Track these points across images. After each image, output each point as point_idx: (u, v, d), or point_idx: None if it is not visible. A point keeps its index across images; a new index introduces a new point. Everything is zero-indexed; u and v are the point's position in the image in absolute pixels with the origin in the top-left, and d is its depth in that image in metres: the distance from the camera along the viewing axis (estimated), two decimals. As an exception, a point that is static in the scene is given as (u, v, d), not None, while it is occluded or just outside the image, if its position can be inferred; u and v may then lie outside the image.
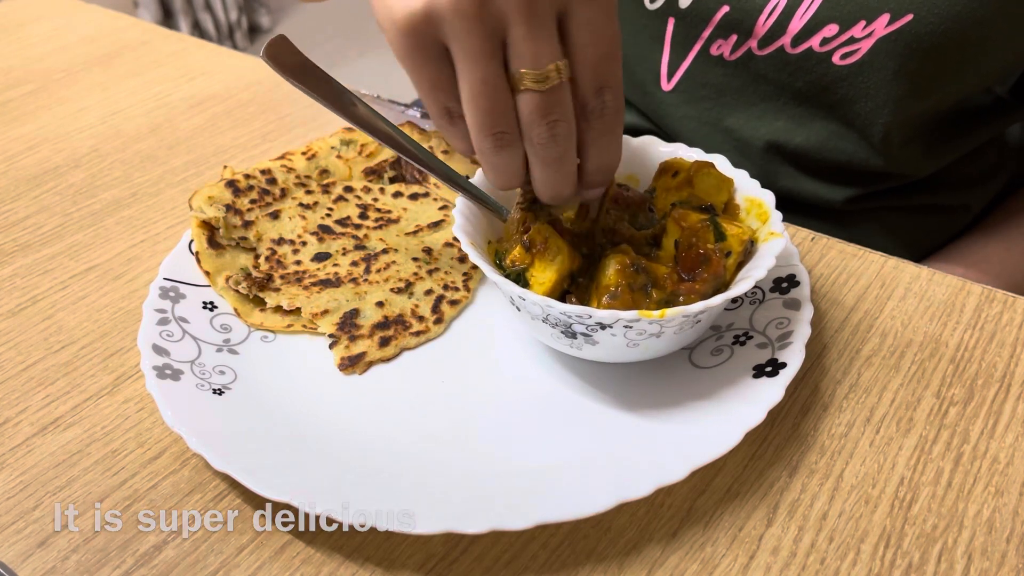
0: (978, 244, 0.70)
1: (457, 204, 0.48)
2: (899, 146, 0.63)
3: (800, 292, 0.49)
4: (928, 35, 0.56)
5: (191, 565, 0.39)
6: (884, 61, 0.58)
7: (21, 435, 0.46)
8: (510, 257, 0.46)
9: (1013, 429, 0.45)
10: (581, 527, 0.41)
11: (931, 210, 0.70)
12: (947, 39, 0.56)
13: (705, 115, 0.68)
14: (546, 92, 0.38)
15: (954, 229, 0.72)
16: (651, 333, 0.42)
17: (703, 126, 0.68)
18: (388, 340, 0.49)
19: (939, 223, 0.71)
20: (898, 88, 0.59)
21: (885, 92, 0.59)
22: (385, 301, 0.51)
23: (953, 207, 0.71)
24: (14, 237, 0.60)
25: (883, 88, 0.59)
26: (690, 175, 0.49)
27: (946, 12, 0.55)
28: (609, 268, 0.44)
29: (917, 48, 0.57)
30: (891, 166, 0.64)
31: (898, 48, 0.57)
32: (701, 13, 0.63)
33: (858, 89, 0.60)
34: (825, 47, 0.60)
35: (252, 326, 0.50)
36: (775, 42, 0.61)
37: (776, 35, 0.61)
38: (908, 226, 0.69)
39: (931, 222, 0.71)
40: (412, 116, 0.71)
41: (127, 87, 0.79)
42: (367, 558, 0.40)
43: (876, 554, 0.39)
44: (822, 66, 0.60)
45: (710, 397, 0.44)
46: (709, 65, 0.65)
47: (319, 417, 0.45)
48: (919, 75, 0.58)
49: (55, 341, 0.51)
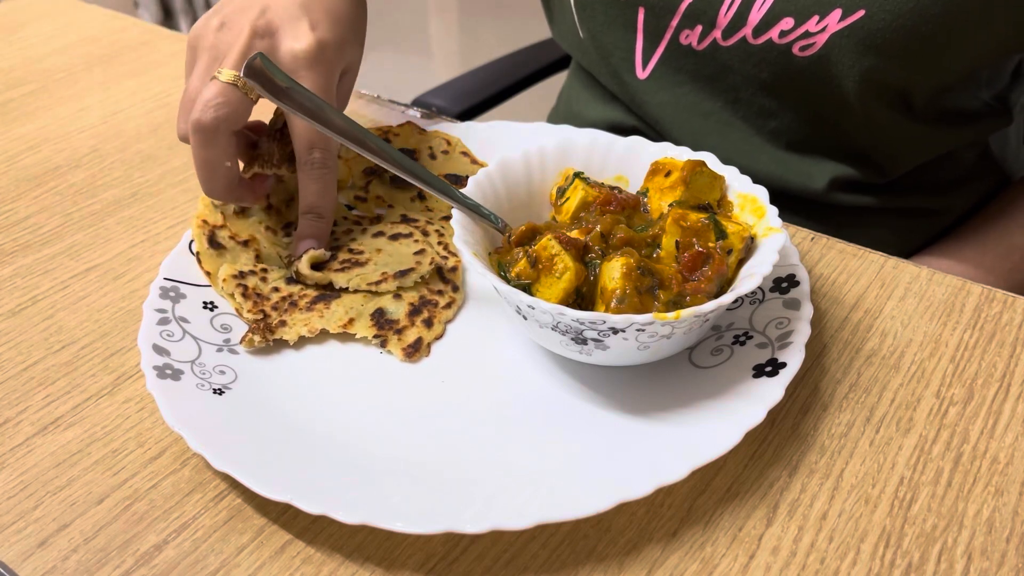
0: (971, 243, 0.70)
1: (454, 215, 0.48)
2: (870, 135, 0.64)
3: (800, 292, 0.49)
4: (880, 31, 0.57)
5: (191, 565, 0.39)
6: (839, 56, 0.59)
7: (21, 435, 0.46)
8: (515, 271, 0.46)
9: (1013, 429, 0.45)
10: (581, 527, 0.41)
11: (913, 213, 0.71)
12: (899, 35, 0.57)
13: (682, 100, 0.69)
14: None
15: (934, 232, 0.73)
16: (663, 335, 0.42)
17: (681, 111, 0.69)
18: (430, 320, 0.50)
19: (921, 226, 0.72)
20: (856, 81, 0.60)
21: (845, 84, 0.60)
22: (400, 294, 0.52)
23: (935, 210, 0.72)
24: (14, 237, 0.60)
25: (843, 80, 0.60)
26: (683, 174, 0.49)
27: (897, 8, 0.56)
28: (615, 272, 0.43)
29: (870, 44, 0.57)
30: (864, 151, 0.65)
31: (851, 43, 0.58)
32: (667, 3, 0.64)
33: (819, 79, 0.61)
34: (784, 39, 0.60)
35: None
36: (737, 33, 0.62)
37: (738, 26, 0.62)
38: (890, 229, 0.70)
39: (914, 225, 0.71)
40: (412, 116, 0.71)
41: (127, 87, 0.79)
42: (367, 558, 0.40)
43: (876, 554, 0.39)
44: (784, 58, 0.61)
45: (710, 397, 0.44)
46: (680, 54, 0.66)
47: (319, 417, 0.45)
48: (875, 70, 0.59)
49: (55, 341, 0.51)
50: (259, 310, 0.50)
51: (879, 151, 0.66)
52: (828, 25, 0.58)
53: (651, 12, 0.66)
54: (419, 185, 0.50)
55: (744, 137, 0.68)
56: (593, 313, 0.41)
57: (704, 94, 0.68)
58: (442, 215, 0.59)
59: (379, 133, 0.65)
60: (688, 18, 0.64)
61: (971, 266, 0.68)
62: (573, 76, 0.83)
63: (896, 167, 0.67)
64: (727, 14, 0.61)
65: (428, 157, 0.63)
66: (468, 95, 1.04)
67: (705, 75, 0.66)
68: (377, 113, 0.73)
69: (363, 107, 0.74)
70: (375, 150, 0.50)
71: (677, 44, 0.66)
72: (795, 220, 0.58)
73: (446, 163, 0.63)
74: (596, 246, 0.46)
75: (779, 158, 0.67)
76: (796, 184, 0.67)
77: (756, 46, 0.62)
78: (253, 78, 0.48)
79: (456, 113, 1.02)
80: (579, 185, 0.50)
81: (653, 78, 0.69)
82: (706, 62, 0.65)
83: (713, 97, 0.67)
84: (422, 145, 0.64)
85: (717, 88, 0.67)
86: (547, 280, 0.44)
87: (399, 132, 0.65)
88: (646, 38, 0.68)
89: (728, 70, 0.65)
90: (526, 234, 0.48)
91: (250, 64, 0.48)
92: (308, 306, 0.51)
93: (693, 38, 0.64)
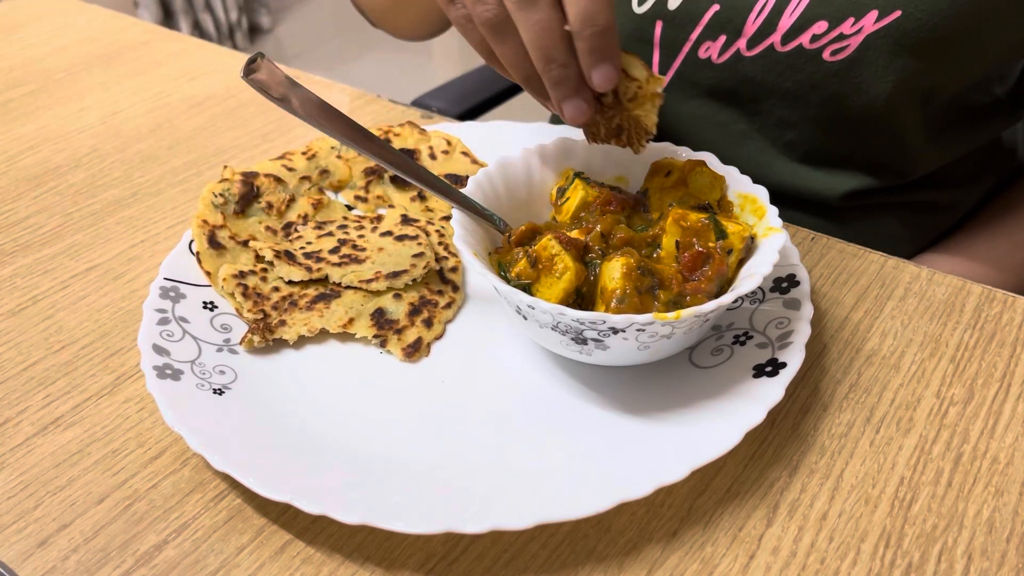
0: (981, 238, 0.70)
1: (454, 215, 0.48)
2: (892, 142, 0.64)
3: (800, 292, 0.49)
4: (916, 31, 0.57)
5: (191, 565, 0.39)
6: (873, 57, 0.59)
7: (21, 435, 0.46)
8: (515, 271, 0.46)
9: (1013, 429, 0.45)
10: (581, 527, 0.41)
11: (924, 207, 0.70)
12: (935, 34, 0.57)
13: (697, 112, 0.68)
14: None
15: (945, 226, 0.73)
16: (663, 335, 0.42)
17: (696, 123, 0.69)
18: (430, 320, 0.50)
19: (931, 220, 0.72)
20: (888, 84, 0.59)
21: (876, 88, 0.60)
22: (401, 293, 0.52)
23: (944, 205, 0.72)
24: (14, 237, 0.60)
25: (873, 84, 0.60)
26: (683, 174, 0.49)
27: (934, 8, 0.56)
28: (615, 272, 0.43)
29: (905, 44, 0.57)
30: (888, 160, 0.65)
31: (886, 44, 0.58)
32: (691, 14, 0.64)
33: (849, 85, 0.61)
34: (815, 44, 0.60)
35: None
36: (764, 40, 0.62)
37: (766, 33, 0.61)
38: (901, 223, 0.70)
39: (924, 220, 0.71)
40: (412, 116, 0.71)
41: (127, 87, 0.79)
42: (367, 558, 0.40)
43: (876, 554, 0.39)
44: (812, 63, 0.61)
45: (710, 397, 0.44)
46: (697, 67, 0.66)
47: (319, 417, 0.45)
48: (908, 70, 0.59)
49: (55, 341, 0.51)
50: (259, 310, 0.50)
51: (897, 158, 0.65)
52: (864, 27, 0.58)
53: (670, 24, 0.65)
54: (419, 185, 0.50)
55: (760, 148, 0.67)
56: (593, 313, 0.41)
57: (720, 106, 0.67)
58: (442, 215, 0.59)
59: (379, 133, 0.65)
60: (711, 28, 0.63)
61: (980, 262, 0.68)
62: None
63: (913, 172, 0.67)
64: (756, 21, 0.61)
65: (428, 157, 0.63)
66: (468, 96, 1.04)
67: (724, 88, 0.66)
68: (377, 113, 0.73)
69: (363, 107, 0.74)
70: (375, 150, 0.50)
71: (695, 58, 0.65)
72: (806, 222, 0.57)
73: (446, 163, 0.63)
74: (596, 246, 0.46)
75: (794, 169, 0.67)
76: (810, 193, 0.67)
77: (783, 53, 0.61)
78: (251, 79, 0.48)
79: (456, 114, 1.02)
80: (579, 185, 0.50)
81: (668, 91, 0.69)
82: (725, 74, 0.65)
83: (730, 109, 0.67)
84: (422, 145, 0.64)
85: (735, 100, 0.66)
86: (547, 280, 0.44)
87: (399, 132, 0.65)
88: (663, 51, 0.67)
89: (748, 81, 0.64)
90: (526, 234, 0.48)
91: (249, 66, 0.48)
92: (308, 306, 0.51)
93: (714, 50, 0.64)
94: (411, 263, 0.53)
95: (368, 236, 0.56)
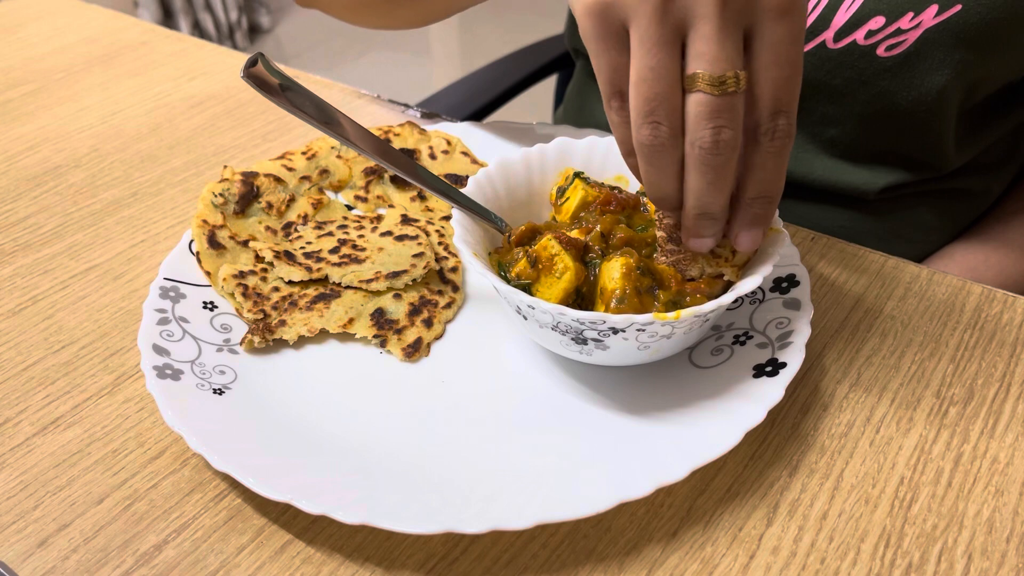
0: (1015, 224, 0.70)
1: (454, 215, 0.48)
2: (936, 136, 0.64)
3: (800, 292, 0.49)
4: (975, 24, 0.57)
5: (191, 565, 0.39)
6: (930, 51, 0.59)
7: (21, 435, 0.46)
8: (515, 271, 0.46)
9: (1013, 429, 0.45)
10: (581, 527, 0.41)
11: (958, 195, 0.70)
12: (994, 27, 0.57)
13: None
14: (719, 97, 0.37)
15: (977, 212, 0.73)
16: (663, 335, 0.42)
17: None
18: (430, 320, 0.50)
19: (966, 208, 0.72)
20: (942, 78, 0.59)
21: (928, 82, 0.60)
22: (401, 293, 0.52)
23: (978, 191, 0.71)
24: (14, 237, 0.60)
25: (927, 78, 0.60)
26: None
27: (992, 1, 0.56)
28: (614, 272, 0.43)
29: (964, 38, 0.57)
30: (926, 156, 0.65)
31: (945, 38, 0.58)
32: None
33: (900, 81, 0.61)
34: (870, 40, 0.60)
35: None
36: (816, 38, 0.61)
37: (819, 30, 0.61)
38: (936, 213, 0.70)
39: (958, 207, 0.71)
40: (412, 116, 0.71)
41: (127, 87, 0.79)
42: (367, 558, 0.40)
43: (876, 554, 0.39)
44: (864, 59, 0.61)
45: (710, 397, 0.44)
46: None
47: (319, 417, 0.45)
48: (963, 64, 0.59)
49: (55, 341, 0.51)
50: (259, 310, 0.50)
51: (935, 150, 0.65)
52: (922, 21, 0.58)
53: None
54: (419, 185, 0.50)
55: (798, 144, 0.66)
56: (593, 313, 0.41)
57: None
58: (442, 215, 0.59)
59: (379, 133, 0.65)
60: None
61: (1016, 247, 0.68)
62: (583, 80, 0.82)
63: (949, 164, 0.67)
64: (809, 18, 0.60)
65: (428, 157, 0.63)
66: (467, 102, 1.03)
67: None
68: (377, 113, 0.73)
69: (363, 107, 0.74)
70: (375, 150, 0.50)
71: None
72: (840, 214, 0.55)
73: (446, 163, 0.63)
74: (596, 246, 0.46)
75: (833, 165, 0.67)
76: (849, 189, 0.67)
77: (834, 51, 0.61)
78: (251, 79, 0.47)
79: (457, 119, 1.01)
80: (579, 185, 0.50)
81: None
82: None
83: None
84: (422, 145, 0.64)
85: None
86: (547, 280, 0.44)
87: (399, 132, 0.65)
88: None
89: None
90: (526, 234, 0.48)
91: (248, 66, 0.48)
92: (308, 306, 0.51)
93: None
94: (411, 263, 0.53)
95: (368, 236, 0.56)
